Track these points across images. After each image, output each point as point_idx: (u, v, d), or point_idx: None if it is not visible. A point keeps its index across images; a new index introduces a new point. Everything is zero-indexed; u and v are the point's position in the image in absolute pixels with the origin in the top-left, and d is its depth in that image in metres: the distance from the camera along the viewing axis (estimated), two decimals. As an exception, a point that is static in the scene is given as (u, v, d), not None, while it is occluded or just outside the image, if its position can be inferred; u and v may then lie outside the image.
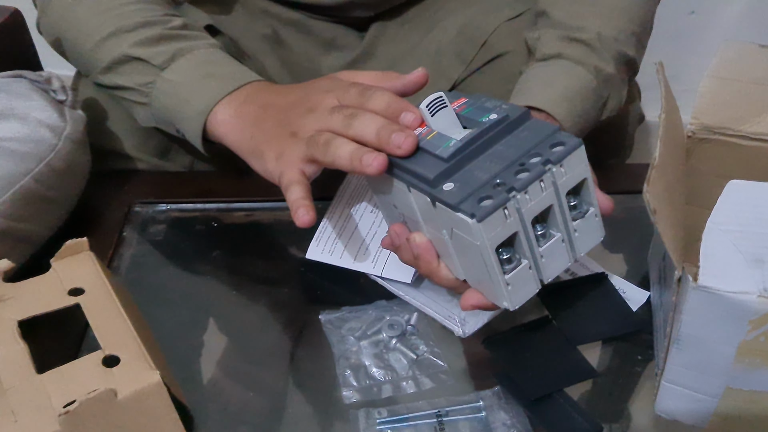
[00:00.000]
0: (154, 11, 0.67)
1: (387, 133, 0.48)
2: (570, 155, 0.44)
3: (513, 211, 0.43)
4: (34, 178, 0.58)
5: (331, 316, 0.57)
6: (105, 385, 0.42)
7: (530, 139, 0.46)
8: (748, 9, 1.30)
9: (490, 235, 0.43)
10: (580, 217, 0.47)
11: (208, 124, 0.61)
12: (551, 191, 0.45)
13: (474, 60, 0.79)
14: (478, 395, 0.51)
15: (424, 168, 0.46)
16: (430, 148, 0.47)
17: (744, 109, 0.55)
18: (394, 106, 0.50)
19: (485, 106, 0.48)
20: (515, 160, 0.45)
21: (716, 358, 0.44)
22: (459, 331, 0.54)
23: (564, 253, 0.47)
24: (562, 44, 0.65)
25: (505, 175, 0.44)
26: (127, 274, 0.62)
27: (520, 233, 0.45)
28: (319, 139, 0.52)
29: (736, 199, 0.42)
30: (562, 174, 0.45)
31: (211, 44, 0.66)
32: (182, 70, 0.63)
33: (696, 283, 0.41)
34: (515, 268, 0.45)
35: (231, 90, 0.61)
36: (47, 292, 0.50)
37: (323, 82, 0.57)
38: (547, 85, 0.63)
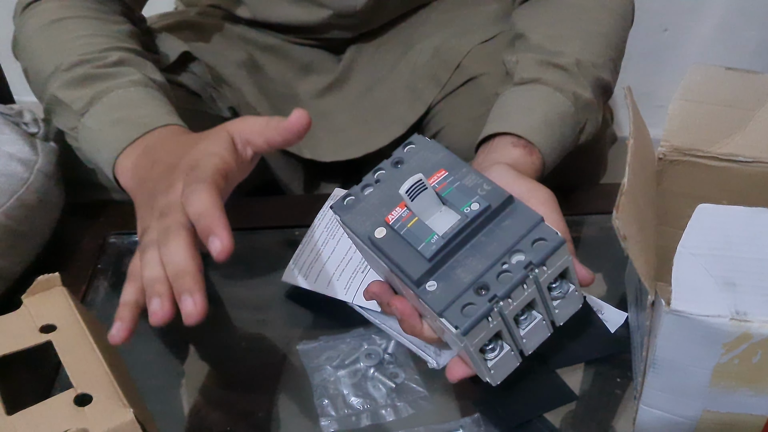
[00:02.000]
0: (96, 45, 0.65)
1: (179, 287, 0.45)
2: (554, 254, 0.44)
3: (496, 316, 0.44)
4: (5, 213, 0.58)
5: (308, 347, 0.56)
6: (77, 424, 0.42)
7: (513, 232, 0.45)
8: (720, 27, 1.33)
9: (474, 341, 0.44)
10: (561, 297, 0.47)
11: (116, 174, 0.59)
12: (533, 289, 0.45)
13: (449, 82, 0.80)
14: (458, 423, 0.51)
15: (407, 263, 0.45)
16: (412, 240, 0.46)
17: (713, 130, 0.56)
18: (203, 223, 0.46)
19: (466, 185, 0.47)
20: (498, 259, 0.44)
21: (692, 381, 0.44)
22: (433, 362, 0.54)
23: (544, 329, 0.48)
24: (541, 69, 0.65)
25: (488, 277, 0.44)
26: (102, 306, 0.61)
27: (503, 331, 0.45)
28: (144, 238, 0.49)
29: (705, 223, 0.43)
30: (545, 272, 0.45)
31: (135, 81, 0.63)
32: (97, 116, 0.61)
33: (669, 307, 0.41)
34: (498, 355, 0.46)
35: (134, 138, 0.58)
36: (18, 330, 0.49)
37: (195, 151, 0.52)
38: (526, 111, 0.62)
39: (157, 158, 0.56)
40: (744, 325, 0.40)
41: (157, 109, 0.62)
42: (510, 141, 0.60)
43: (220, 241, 0.45)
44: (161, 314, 0.46)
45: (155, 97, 0.63)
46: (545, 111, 0.62)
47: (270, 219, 0.70)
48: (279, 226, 0.69)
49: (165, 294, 0.46)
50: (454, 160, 0.49)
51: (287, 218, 0.69)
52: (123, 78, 0.63)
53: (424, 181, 0.46)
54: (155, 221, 0.49)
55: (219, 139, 0.52)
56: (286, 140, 0.52)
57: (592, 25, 0.68)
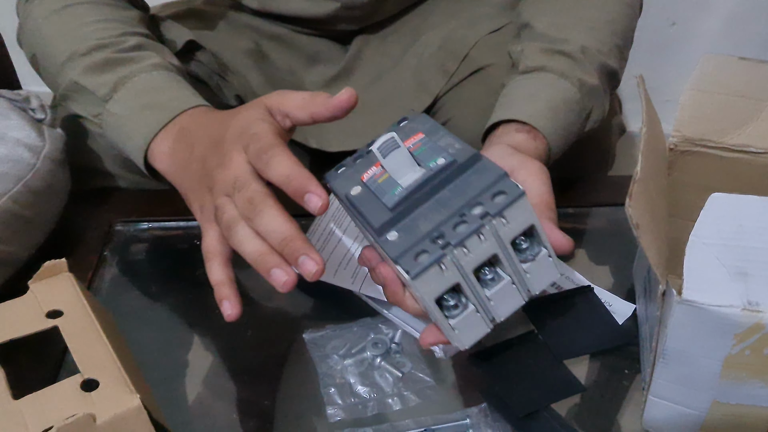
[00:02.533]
0: (112, 30, 0.65)
1: (292, 253, 0.45)
2: (512, 206, 0.44)
3: (450, 265, 0.44)
4: (12, 199, 0.57)
5: (314, 335, 0.56)
6: (83, 409, 0.42)
7: (476, 186, 0.45)
8: (729, 20, 1.32)
9: (427, 289, 0.44)
10: (531, 260, 0.46)
11: (149, 159, 0.60)
12: (493, 242, 0.44)
13: (456, 73, 0.79)
14: (464, 412, 0.51)
15: (371, 215, 0.46)
16: (379, 193, 0.47)
17: (725, 121, 0.55)
18: (294, 184, 0.46)
19: (438, 145, 0.48)
20: (458, 210, 0.44)
21: (702, 372, 0.43)
22: (440, 352, 0.54)
23: (515, 294, 0.47)
24: (546, 57, 0.65)
25: (445, 226, 0.44)
26: (107, 294, 0.61)
27: (462, 283, 0.45)
28: (222, 216, 0.49)
29: (718, 213, 0.42)
30: (504, 224, 0.44)
31: (156, 65, 0.63)
32: (123, 102, 0.61)
33: (680, 297, 0.41)
34: (461, 314, 0.45)
35: (165, 122, 0.58)
36: (25, 315, 0.49)
37: (239, 120, 0.52)
38: (530, 98, 0.62)
39: (195, 139, 0.56)
40: (756, 316, 0.40)
41: (183, 92, 0.62)
42: (514, 127, 0.60)
43: (318, 196, 0.45)
44: (290, 281, 0.46)
45: (178, 81, 0.63)
46: (550, 97, 0.62)
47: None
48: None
49: (281, 263, 0.47)
50: (436, 128, 0.50)
51: (294, 208, 0.69)
52: (144, 62, 0.63)
53: (396, 139, 0.47)
54: (228, 198, 0.49)
55: (258, 108, 0.52)
56: (333, 116, 0.52)
57: (597, 12, 0.68)
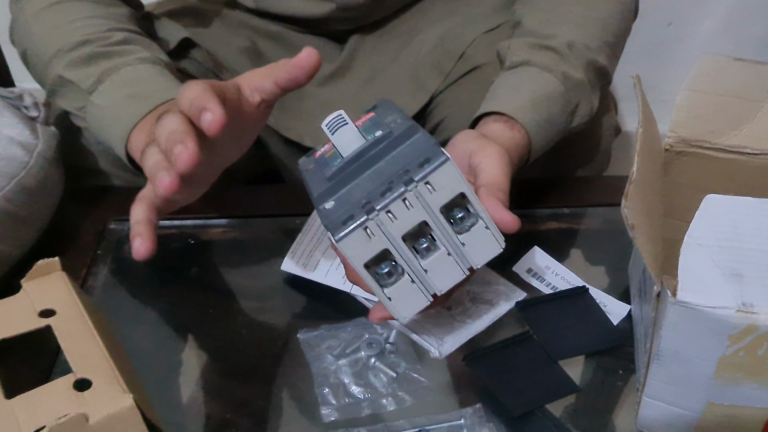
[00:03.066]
0: (98, 26, 0.64)
1: (171, 144, 0.45)
2: (435, 172, 0.44)
3: (376, 230, 0.44)
4: (5, 197, 0.57)
5: (309, 335, 0.56)
6: (76, 409, 0.41)
7: (407, 156, 0.46)
8: (725, 21, 1.32)
9: (354, 253, 0.45)
10: (466, 231, 0.46)
11: (129, 150, 0.59)
12: (420, 209, 0.45)
13: (452, 72, 0.79)
14: (459, 413, 0.50)
15: (314, 186, 0.48)
16: (323, 165, 0.48)
17: (721, 122, 0.55)
18: (195, 104, 0.45)
19: (383, 121, 0.49)
20: (387, 178, 0.45)
21: (697, 373, 0.43)
22: (436, 352, 0.54)
23: (454, 266, 0.47)
24: (531, 51, 0.65)
25: (374, 194, 0.45)
26: (101, 293, 0.61)
27: (392, 250, 0.45)
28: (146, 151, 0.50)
29: (713, 214, 0.42)
30: (429, 192, 0.44)
31: (143, 58, 0.63)
32: (107, 93, 0.61)
33: (675, 298, 0.41)
34: (395, 282, 0.46)
35: (146, 112, 0.58)
36: (17, 314, 0.49)
37: None
38: (513, 90, 0.62)
39: None
40: (750, 317, 0.40)
41: (167, 83, 0.62)
42: (492, 118, 0.61)
43: (212, 112, 0.44)
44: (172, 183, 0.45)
45: (164, 74, 0.63)
46: (531, 90, 0.62)
47: (271, 207, 0.70)
48: (279, 214, 0.69)
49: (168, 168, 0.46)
50: (392, 109, 0.51)
51: (288, 207, 0.69)
52: (130, 56, 0.63)
53: (344, 116, 0.48)
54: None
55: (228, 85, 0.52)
56: (294, 78, 0.51)
57: (588, 10, 0.68)
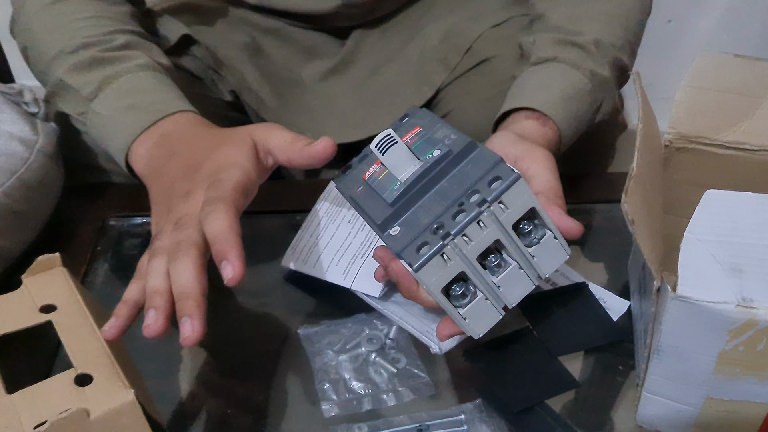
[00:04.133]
0: (101, 27, 0.64)
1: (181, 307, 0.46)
2: (509, 191, 0.44)
3: (453, 255, 0.44)
4: (5, 193, 0.57)
5: (309, 331, 0.56)
6: (77, 404, 0.41)
7: (472, 174, 0.45)
8: (724, 18, 1.32)
9: (432, 280, 0.44)
10: (536, 243, 0.46)
11: (129, 158, 0.59)
12: (494, 228, 0.44)
13: (458, 66, 0.79)
14: (459, 408, 0.51)
15: (373, 211, 0.47)
16: (380, 190, 0.47)
17: (720, 118, 0.56)
18: (218, 247, 0.46)
19: (434, 137, 0.48)
20: (456, 200, 0.45)
21: (696, 368, 0.43)
22: (436, 348, 0.54)
23: (524, 278, 0.47)
24: (558, 48, 0.65)
25: (445, 217, 0.44)
26: (101, 288, 0.61)
27: (467, 272, 0.45)
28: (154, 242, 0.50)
29: (713, 209, 0.42)
30: (502, 210, 0.44)
31: (142, 65, 0.63)
32: (107, 102, 0.61)
33: (675, 293, 0.41)
34: (470, 302, 0.46)
35: (146, 126, 0.58)
36: (18, 310, 0.49)
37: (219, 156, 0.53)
38: (543, 87, 0.62)
39: (174, 150, 0.56)
40: (750, 312, 0.40)
41: (167, 95, 0.62)
42: (524, 114, 0.60)
43: (233, 268, 0.45)
44: (155, 328, 0.46)
45: (164, 82, 0.63)
46: (562, 87, 0.62)
47: (271, 203, 0.69)
48: (280, 210, 0.69)
49: (162, 308, 0.47)
50: (434, 121, 0.50)
51: (289, 203, 0.69)
52: (131, 62, 0.63)
53: (393, 135, 0.47)
54: (170, 229, 0.50)
55: (243, 146, 0.53)
56: (308, 164, 0.52)
57: (612, 7, 0.68)
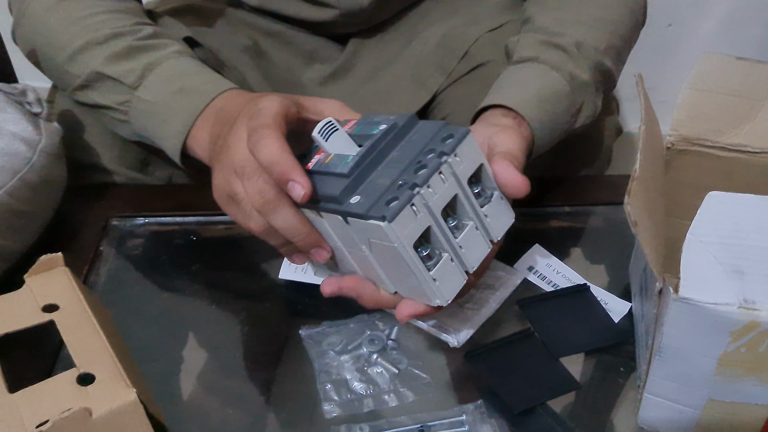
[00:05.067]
0: (124, 20, 0.65)
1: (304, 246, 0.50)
2: (461, 144, 0.46)
3: (421, 207, 0.44)
4: (8, 193, 0.57)
5: (311, 331, 0.56)
6: (79, 403, 0.42)
7: (422, 139, 0.47)
8: (724, 22, 1.32)
9: (404, 233, 0.44)
10: (487, 203, 0.48)
11: (188, 143, 0.60)
12: (453, 181, 0.46)
13: (455, 70, 0.80)
14: (461, 409, 0.51)
15: (329, 188, 0.47)
16: (331, 168, 0.47)
17: (722, 120, 0.56)
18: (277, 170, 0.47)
19: (375, 121, 0.49)
20: (412, 161, 0.46)
21: (698, 369, 0.43)
22: (454, 341, 0.54)
23: (481, 240, 0.48)
24: (540, 48, 0.65)
25: (405, 175, 0.45)
26: (103, 289, 0.61)
27: (434, 227, 0.45)
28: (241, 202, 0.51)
29: (715, 211, 0.42)
30: (459, 163, 0.46)
31: (179, 51, 0.64)
32: (154, 88, 0.62)
33: (677, 294, 0.41)
34: (437, 263, 0.46)
35: (203, 106, 0.59)
36: (21, 309, 0.49)
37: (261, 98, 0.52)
38: (519, 85, 0.63)
39: (231, 119, 0.56)
40: (752, 314, 0.40)
41: (212, 75, 0.63)
42: (500, 111, 0.61)
43: (301, 185, 0.46)
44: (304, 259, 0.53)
45: (204, 66, 0.64)
46: (538, 87, 0.62)
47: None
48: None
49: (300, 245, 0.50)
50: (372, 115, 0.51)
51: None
52: (167, 49, 0.64)
53: (334, 122, 0.48)
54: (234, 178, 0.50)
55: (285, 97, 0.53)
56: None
57: (599, 12, 0.68)
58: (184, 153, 0.61)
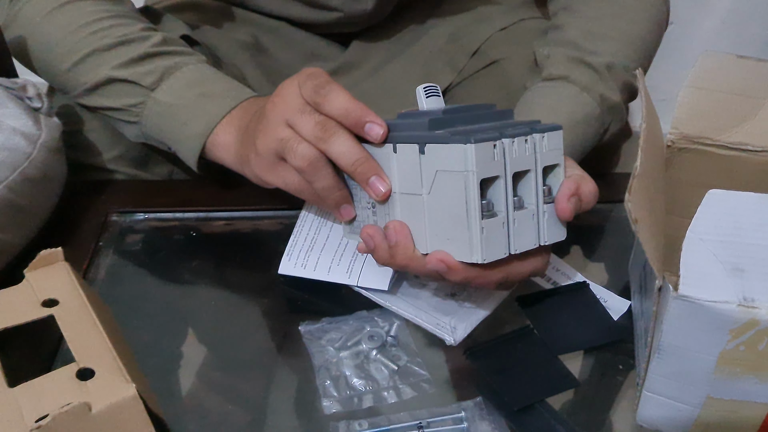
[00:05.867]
0: (130, 27, 0.65)
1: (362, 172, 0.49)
2: (552, 132, 0.48)
3: (500, 153, 0.45)
4: (8, 187, 0.57)
5: (311, 327, 0.56)
6: (79, 398, 0.41)
7: (517, 123, 0.49)
8: (726, 21, 1.32)
9: (480, 163, 0.45)
10: (550, 201, 0.49)
11: (208, 145, 0.60)
12: (532, 155, 0.47)
13: (466, 67, 0.79)
14: (460, 406, 0.51)
15: (414, 126, 0.48)
16: (425, 110, 0.50)
17: (723, 118, 0.56)
18: (354, 115, 0.48)
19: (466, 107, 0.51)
20: (503, 126, 0.48)
21: (697, 367, 0.44)
22: (450, 339, 0.54)
23: (533, 231, 0.49)
24: (570, 66, 0.64)
25: (495, 128, 0.47)
26: (103, 284, 0.61)
27: (501, 180, 0.46)
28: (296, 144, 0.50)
29: (715, 209, 0.42)
30: (543, 146, 0.47)
31: (198, 59, 0.65)
32: (174, 90, 0.62)
33: (676, 292, 0.41)
34: (491, 217, 0.46)
35: (229, 110, 0.60)
36: (20, 304, 0.49)
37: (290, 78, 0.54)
38: (551, 110, 0.62)
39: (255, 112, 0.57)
40: (751, 312, 0.40)
41: (235, 83, 0.63)
42: None
43: (378, 125, 0.48)
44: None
45: (222, 74, 0.64)
46: (570, 111, 0.62)
47: (273, 200, 0.70)
48: (281, 207, 0.69)
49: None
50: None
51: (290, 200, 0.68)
52: (184, 56, 0.64)
53: (438, 88, 0.51)
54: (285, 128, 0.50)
55: None
56: None
57: (630, 26, 0.67)
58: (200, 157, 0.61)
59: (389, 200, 0.50)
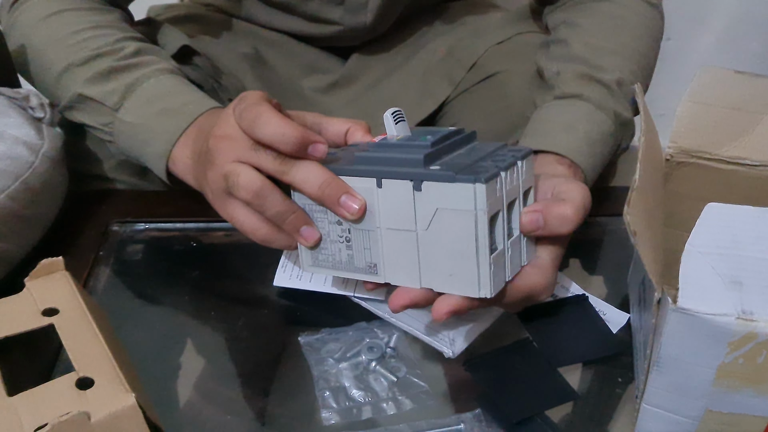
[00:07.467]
0: (107, 37, 0.64)
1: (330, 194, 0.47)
2: (527, 158, 0.48)
3: (502, 187, 0.45)
4: (10, 196, 0.57)
5: (310, 338, 0.56)
6: (78, 407, 0.41)
7: (486, 147, 0.49)
8: (722, 36, 1.33)
9: (489, 201, 0.43)
10: None
11: (170, 164, 0.60)
12: (518, 183, 0.47)
13: (463, 80, 0.80)
14: (459, 418, 0.51)
15: (408, 154, 0.46)
16: (407, 141, 0.48)
17: (721, 133, 0.56)
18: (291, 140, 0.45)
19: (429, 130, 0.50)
20: (485, 155, 0.47)
21: (696, 380, 0.44)
22: (449, 352, 0.54)
23: (519, 254, 0.49)
24: (582, 83, 0.64)
25: (483, 162, 0.46)
26: (103, 294, 0.61)
27: (502, 213, 0.46)
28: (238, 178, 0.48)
29: (714, 222, 0.43)
30: (523, 171, 0.47)
31: (161, 69, 0.63)
32: (135, 109, 0.61)
33: (675, 305, 0.41)
34: (495, 251, 0.46)
35: (185, 127, 0.59)
36: (20, 312, 0.49)
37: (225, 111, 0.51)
38: (568, 129, 0.62)
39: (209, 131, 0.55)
40: (750, 325, 0.40)
41: (195, 95, 0.62)
42: (555, 159, 0.60)
43: (320, 142, 0.46)
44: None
45: (186, 84, 0.63)
46: (587, 129, 0.62)
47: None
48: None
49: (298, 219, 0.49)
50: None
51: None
52: (149, 67, 0.63)
53: (402, 112, 0.49)
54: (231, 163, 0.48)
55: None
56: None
57: (632, 42, 0.68)
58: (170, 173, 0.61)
59: (372, 235, 0.48)
